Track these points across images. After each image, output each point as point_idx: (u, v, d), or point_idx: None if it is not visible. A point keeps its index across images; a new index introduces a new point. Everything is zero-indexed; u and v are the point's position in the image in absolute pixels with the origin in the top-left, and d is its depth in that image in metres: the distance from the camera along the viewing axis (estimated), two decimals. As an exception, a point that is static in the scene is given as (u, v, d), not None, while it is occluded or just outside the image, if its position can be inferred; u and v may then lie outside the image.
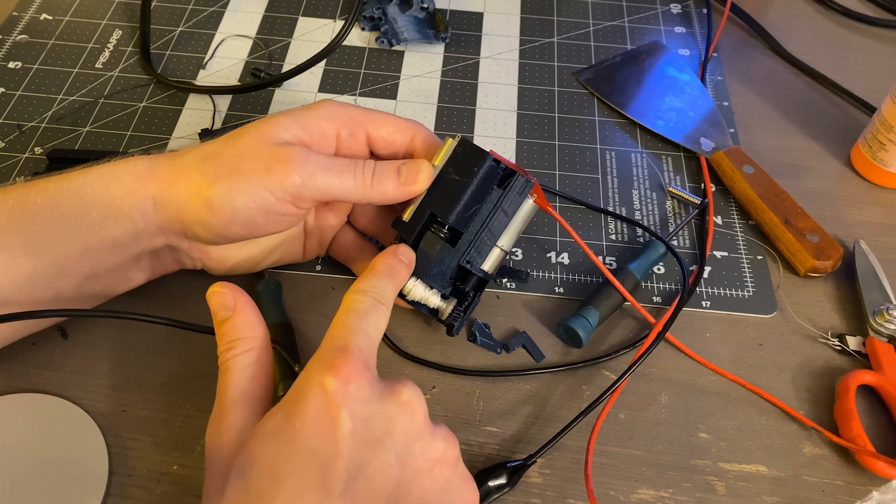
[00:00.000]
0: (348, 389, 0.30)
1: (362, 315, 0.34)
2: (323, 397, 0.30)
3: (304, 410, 0.30)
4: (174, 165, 0.39)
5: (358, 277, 0.37)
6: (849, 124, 0.59)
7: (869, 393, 0.44)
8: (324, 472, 0.29)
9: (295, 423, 0.30)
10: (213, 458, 0.32)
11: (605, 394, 0.40)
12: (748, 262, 0.50)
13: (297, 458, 0.29)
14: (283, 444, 0.30)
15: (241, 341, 0.35)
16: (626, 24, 0.67)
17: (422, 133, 0.42)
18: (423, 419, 0.32)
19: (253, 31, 0.64)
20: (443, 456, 0.32)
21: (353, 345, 0.32)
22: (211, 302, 0.36)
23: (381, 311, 0.35)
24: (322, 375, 0.31)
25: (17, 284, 0.38)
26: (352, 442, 0.30)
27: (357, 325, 0.33)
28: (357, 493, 0.29)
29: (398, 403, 0.32)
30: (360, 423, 0.30)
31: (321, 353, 0.32)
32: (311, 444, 0.30)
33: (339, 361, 0.31)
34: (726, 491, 0.40)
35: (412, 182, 0.40)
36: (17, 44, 0.62)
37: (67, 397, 0.42)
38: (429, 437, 0.32)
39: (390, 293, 0.36)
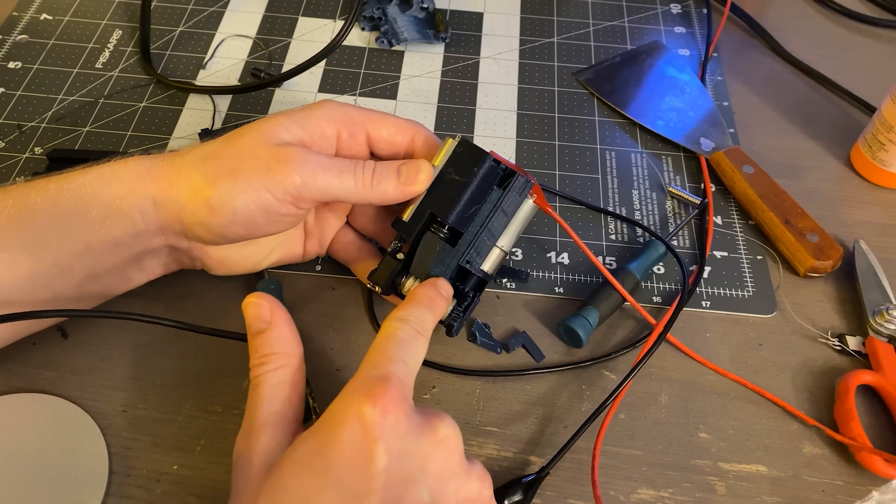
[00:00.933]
0: (386, 422, 0.30)
1: (402, 344, 0.33)
2: (360, 428, 0.29)
3: (339, 440, 0.30)
4: (174, 165, 0.39)
5: (398, 306, 0.36)
6: (849, 124, 0.59)
7: (869, 393, 0.44)
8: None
9: (329, 453, 0.29)
10: (241, 480, 0.32)
11: (611, 397, 0.40)
12: (748, 262, 0.50)
13: (329, 492, 0.29)
14: (315, 476, 0.29)
15: (275, 357, 0.34)
16: (626, 24, 0.67)
17: (422, 133, 0.42)
18: (459, 457, 0.32)
19: (253, 31, 0.64)
20: (477, 496, 0.32)
21: (393, 375, 0.31)
22: (246, 313, 0.35)
23: (419, 342, 0.34)
24: (360, 405, 0.30)
25: (18, 284, 0.38)
26: (386, 479, 0.29)
27: (397, 355, 0.32)
28: None
29: (435, 440, 0.31)
30: (395, 459, 0.29)
31: (360, 381, 0.31)
32: (344, 478, 0.29)
33: (379, 391, 0.30)
34: (726, 491, 0.40)
35: (412, 182, 0.40)
36: (17, 44, 0.62)
37: (67, 397, 0.42)
38: (464, 476, 0.32)
39: (429, 325, 0.36)
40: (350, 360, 0.44)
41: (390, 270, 0.41)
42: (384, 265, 0.41)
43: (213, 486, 0.39)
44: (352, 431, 0.30)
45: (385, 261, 0.41)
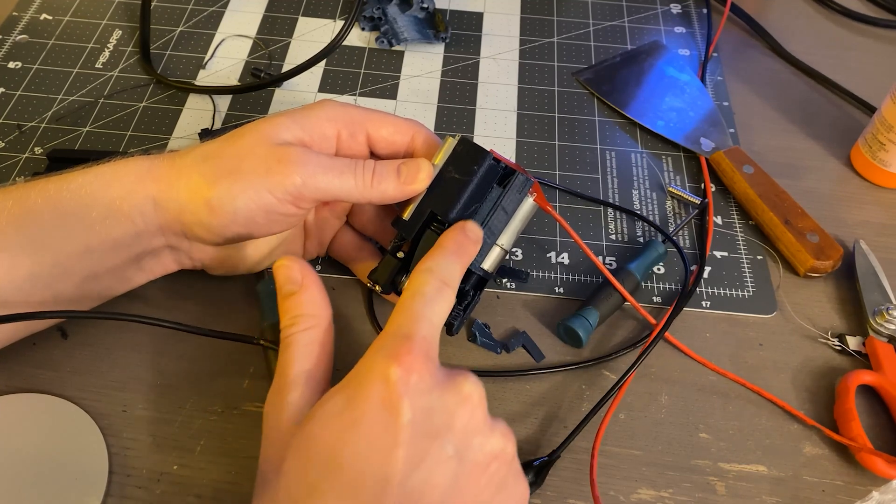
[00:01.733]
0: (410, 380, 0.30)
1: (428, 301, 0.33)
2: (385, 386, 0.30)
3: (365, 397, 0.30)
4: (174, 166, 0.39)
5: (427, 255, 0.36)
6: (849, 124, 0.59)
7: (869, 393, 0.44)
8: (383, 462, 0.29)
9: (356, 408, 0.30)
10: (270, 435, 0.32)
11: (611, 392, 0.40)
12: (748, 262, 0.50)
13: (356, 444, 0.29)
14: (343, 429, 0.30)
15: (305, 318, 0.35)
16: (626, 24, 0.67)
17: (422, 132, 0.42)
18: (482, 414, 0.32)
19: (253, 31, 0.64)
20: (501, 452, 0.32)
21: (418, 334, 0.32)
22: (278, 275, 0.36)
23: (446, 296, 0.34)
24: (385, 364, 0.30)
25: (18, 285, 0.38)
26: (412, 433, 0.29)
27: (422, 312, 0.33)
28: (415, 485, 0.29)
29: (459, 396, 0.31)
30: (420, 415, 0.30)
31: (385, 340, 0.32)
32: (371, 432, 0.29)
33: (403, 351, 0.31)
34: (726, 491, 0.40)
35: (412, 181, 0.40)
36: (17, 44, 0.62)
37: (67, 397, 0.42)
38: (488, 432, 0.32)
39: (457, 274, 0.36)
40: (350, 360, 0.44)
41: (390, 269, 0.41)
42: (384, 264, 0.41)
43: (213, 486, 0.39)
44: (378, 389, 0.30)
45: (385, 260, 0.41)
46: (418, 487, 0.29)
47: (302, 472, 0.30)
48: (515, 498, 0.33)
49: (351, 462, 0.29)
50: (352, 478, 0.29)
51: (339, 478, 0.29)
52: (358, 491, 0.29)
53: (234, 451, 0.40)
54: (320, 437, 0.30)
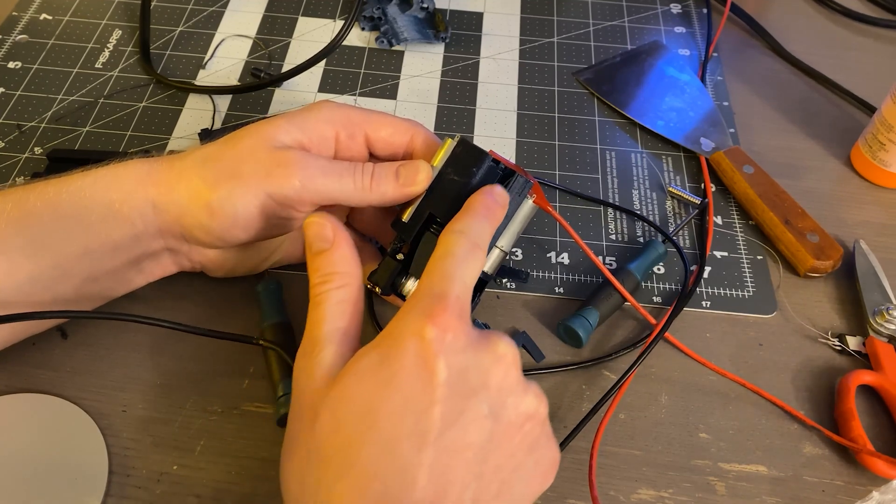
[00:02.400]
0: (446, 338, 0.30)
1: (460, 261, 0.33)
2: (420, 345, 0.30)
3: (400, 355, 0.30)
4: (174, 168, 0.39)
5: (456, 217, 0.36)
6: (849, 124, 0.59)
7: (869, 393, 0.44)
8: (419, 419, 0.29)
9: (391, 366, 0.30)
10: (302, 393, 0.32)
11: (612, 391, 0.40)
12: (748, 262, 0.50)
13: (392, 401, 0.29)
14: (378, 386, 0.30)
15: (337, 276, 0.34)
16: (626, 24, 0.67)
17: (421, 133, 0.42)
18: (517, 373, 0.32)
19: (253, 31, 0.64)
20: (535, 412, 0.32)
21: (451, 293, 0.32)
22: (308, 233, 0.35)
23: (477, 257, 0.34)
24: (420, 323, 0.30)
25: (17, 287, 0.38)
26: (448, 391, 0.29)
27: (454, 272, 0.33)
28: (450, 442, 0.29)
29: (494, 356, 0.31)
30: (455, 373, 0.30)
31: (418, 299, 0.32)
32: (406, 389, 0.29)
33: (437, 310, 0.31)
34: (726, 491, 0.40)
35: (411, 183, 0.40)
36: (17, 44, 0.62)
37: (67, 397, 0.42)
38: (522, 392, 0.32)
39: (487, 236, 0.36)
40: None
41: (390, 271, 0.41)
42: (384, 266, 0.41)
43: (213, 486, 0.39)
44: (412, 348, 0.30)
45: (385, 261, 0.41)
46: (453, 445, 0.29)
47: (336, 428, 0.30)
48: (548, 459, 0.33)
49: (386, 418, 0.29)
50: (388, 434, 0.29)
51: (374, 434, 0.29)
52: (394, 446, 0.29)
53: (234, 451, 0.40)
54: (355, 394, 0.30)
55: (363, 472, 0.29)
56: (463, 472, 0.29)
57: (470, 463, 0.30)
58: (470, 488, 0.30)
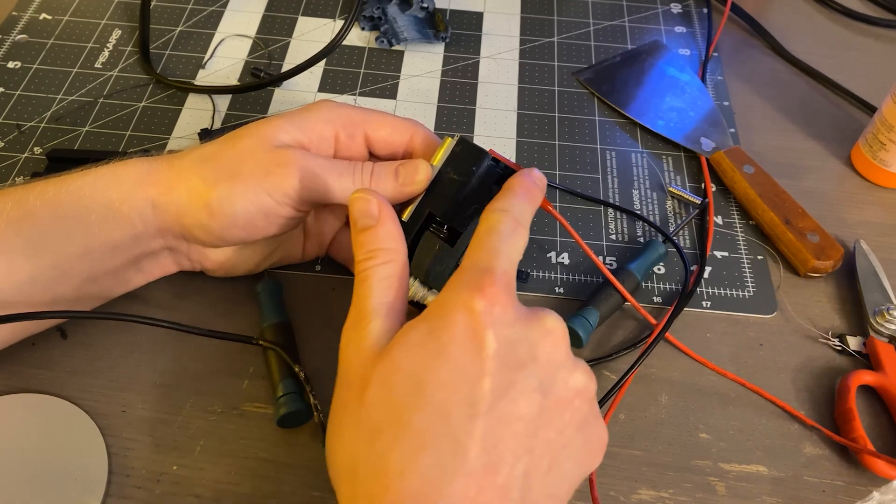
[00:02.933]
0: (494, 311, 0.30)
1: (504, 237, 0.33)
2: (469, 317, 0.30)
3: (449, 327, 0.30)
4: (173, 168, 0.39)
5: (497, 196, 0.36)
6: (849, 124, 0.59)
7: (869, 393, 0.44)
8: (470, 389, 0.29)
9: (439, 337, 0.30)
10: (350, 364, 0.32)
11: (612, 391, 0.40)
12: (748, 262, 0.50)
13: (442, 371, 0.29)
14: (428, 357, 0.29)
15: (382, 252, 0.34)
16: (626, 23, 0.67)
17: (420, 132, 0.42)
18: (566, 348, 0.32)
19: (253, 31, 0.64)
20: (584, 388, 0.32)
21: (498, 267, 0.31)
22: (353, 208, 0.35)
23: (520, 234, 0.34)
24: (468, 296, 0.30)
25: (17, 286, 0.38)
26: (498, 363, 0.29)
27: (500, 248, 0.32)
28: (501, 414, 0.29)
29: (542, 329, 0.31)
30: (505, 345, 0.30)
31: (465, 273, 0.31)
32: (456, 360, 0.29)
33: (486, 283, 0.30)
34: (726, 491, 0.40)
35: (410, 183, 0.40)
36: (17, 44, 0.62)
37: (67, 397, 0.42)
38: (571, 367, 0.31)
39: (528, 216, 0.36)
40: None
41: (390, 271, 0.41)
42: (384, 265, 0.41)
43: (213, 487, 0.39)
44: (461, 320, 0.30)
45: (385, 261, 0.41)
46: (504, 417, 0.29)
47: (387, 398, 0.29)
48: (597, 438, 0.32)
49: (437, 389, 0.29)
50: (439, 403, 0.29)
51: (425, 403, 0.29)
52: (445, 416, 0.28)
53: (233, 451, 0.40)
54: (404, 365, 0.30)
55: (415, 440, 0.28)
56: (514, 444, 0.29)
57: (520, 436, 0.29)
58: (521, 461, 0.29)
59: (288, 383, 0.41)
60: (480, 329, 0.29)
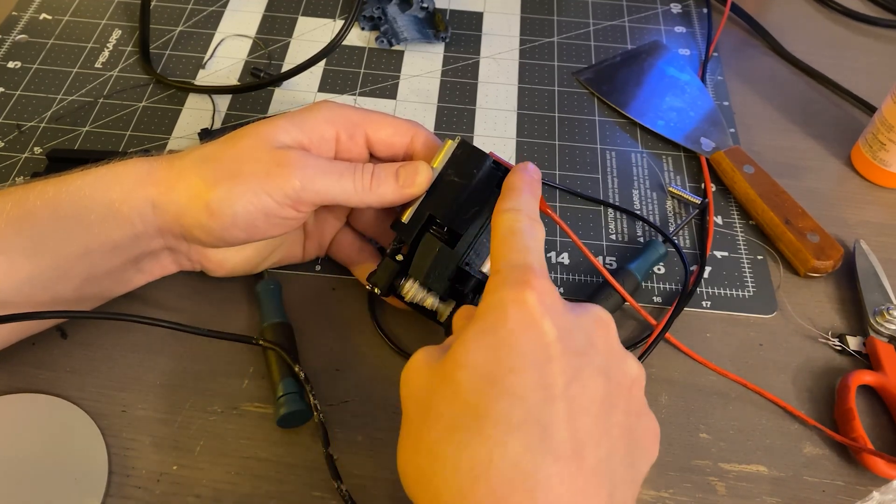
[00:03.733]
0: (545, 301, 0.30)
1: (528, 234, 0.33)
2: (523, 309, 0.30)
3: (505, 321, 0.30)
4: (173, 168, 0.39)
5: (502, 196, 0.36)
6: (849, 124, 0.59)
7: (869, 393, 0.44)
8: (540, 373, 0.28)
9: (498, 332, 0.29)
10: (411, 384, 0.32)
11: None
12: (748, 262, 0.50)
13: (508, 360, 0.29)
14: (491, 350, 0.29)
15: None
16: (626, 23, 0.67)
17: (421, 134, 0.42)
18: (616, 337, 0.32)
19: (253, 31, 0.64)
20: (638, 376, 0.32)
21: (535, 263, 0.32)
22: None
23: (538, 229, 0.35)
24: (517, 291, 0.30)
25: (17, 287, 0.38)
26: (561, 347, 0.29)
27: (528, 245, 0.33)
28: (575, 396, 0.28)
29: (594, 318, 0.32)
30: (564, 333, 0.30)
31: (504, 274, 0.31)
32: (521, 347, 0.29)
33: (530, 278, 0.30)
34: (726, 491, 0.40)
35: (410, 185, 0.40)
36: (17, 44, 0.62)
37: (67, 397, 0.42)
38: (624, 356, 0.32)
39: (536, 209, 0.36)
40: (350, 360, 0.44)
41: (389, 272, 0.41)
42: (383, 267, 0.41)
43: (213, 486, 0.39)
44: (515, 314, 0.30)
45: (384, 262, 0.41)
46: (579, 399, 0.29)
47: (456, 396, 0.29)
48: (653, 429, 0.33)
49: (508, 376, 0.28)
50: (514, 390, 0.28)
51: (500, 392, 0.28)
52: (524, 401, 0.28)
53: (233, 451, 0.40)
54: (469, 361, 0.29)
55: (498, 428, 0.28)
56: (593, 427, 0.29)
57: (597, 418, 0.29)
58: (603, 445, 0.29)
59: (288, 383, 0.41)
60: (538, 318, 0.29)
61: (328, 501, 0.39)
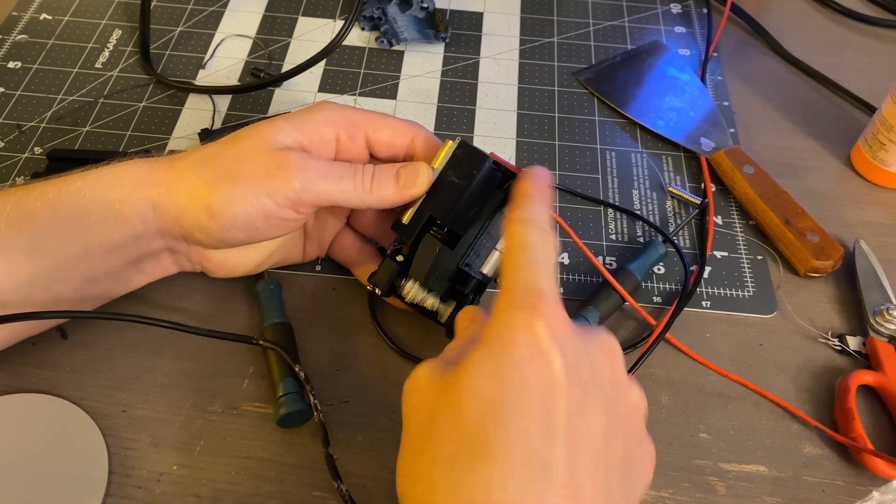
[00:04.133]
0: (554, 329, 0.30)
1: (540, 251, 0.33)
2: (531, 337, 0.29)
3: (513, 349, 0.29)
4: (173, 168, 0.39)
5: (514, 204, 0.36)
6: (849, 124, 0.59)
7: (869, 393, 0.44)
8: (546, 408, 0.28)
9: (505, 360, 0.29)
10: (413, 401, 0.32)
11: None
12: (748, 262, 0.50)
13: (514, 393, 0.28)
14: (496, 380, 0.29)
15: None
16: (626, 23, 0.67)
17: (421, 135, 0.42)
18: (622, 366, 0.32)
19: (253, 31, 0.64)
20: (639, 406, 0.32)
21: (546, 284, 0.31)
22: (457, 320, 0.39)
23: (551, 242, 0.34)
24: (527, 317, 0.30)
25: (17, 287, 0.38)
26: (567, 381, 0.29)
27: (540, 263, 0.32)
28: (577, 433, 0.29)
29: (601, 348, 0.31)
30: (571, 364, 0.29)
31: (514, 296, 0.31)
32: (527, 380, 0.29)
33: (541, 303, 0.30)
34: (726, 491, 0.40)
35: (410, 186, 0.40)
36: (17, 44, 0.62)
37: (67, 397, 0.42)
38: (627, 387, 0.32)
39: (548, 218, 0.36)
40: (350, 361, 0.44)
41: (390, 272, 0.41)
42: (384, 267, 0.41)
43: (213, 486, 0.39)
44: (524, 342, 0.29)
45: (385, 263, 0.41)
46: (580, 436, 0.29)
47: (459, 425, 0.29)
48: (650, 454, 0.33)
49: (512, 411, 0.28)
50: (517, 425, 0.28)
51: (503, 426, 0.28)
52: (526, 438, 0.28)
53: (234, 451, 0.40)
54: (473, 389, 0.29)
55: (500, 464, 0.28)
56: (592, 463, 0.29)
57: (596, 454, 0.29)
58: (601, 480, 0.29)
59: (288, 383, 0.41)
60: (546, 348, 0.29)
61: (328, 501, 0.39)
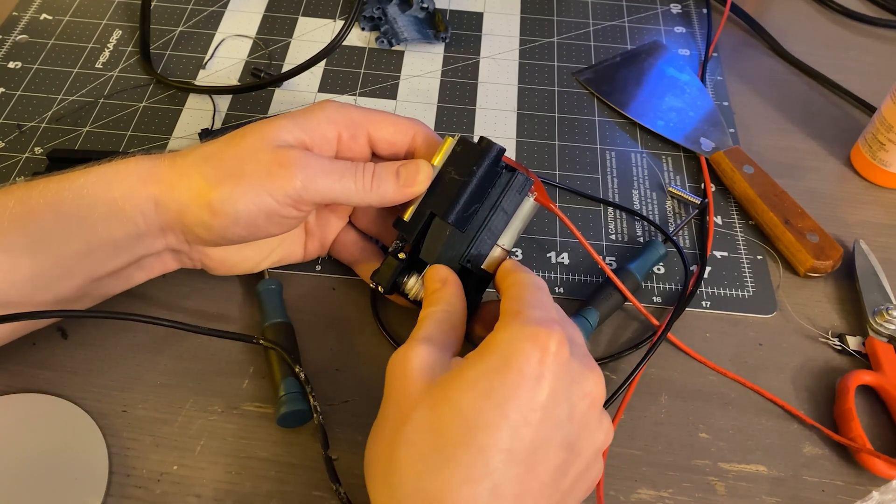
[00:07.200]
0: (559, 354, 0.32)
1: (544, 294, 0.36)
2: (538, 357, 0.31)
3: (508, 374, 0.31)
4: (175, 166, 0.39)
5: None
6: (849, 124, 0.59)
7: (869, 393, 0.44)
8: (512, 437, 0.30)
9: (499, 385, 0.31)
10: (395, 383, 0.34)
11: (616, 393, 0.41)
12: (748, 262, 0.50)
13: (492, 414, 0.31)
14: (479, 397, 0.31)
15: (443, 303, 0.38)
16: (626, 23, 0.67)
17: (422, 132, 0.42)
18: (598, 409, 0.34)
19: (253, 31, 0.64)
20: (602, 445, 0.34)
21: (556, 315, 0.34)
22: (427, 275, 0.40)
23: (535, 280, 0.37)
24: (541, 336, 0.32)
25: (18, 285, 0.38)
26: (541, 415, 0.31)
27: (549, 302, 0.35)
28: (533, 465, 0.31)
29: (583, 392, 0.33)
30: (551, 399, 0.31)
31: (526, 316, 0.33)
32: (507, 406, 0.31)
33: (553, 326, 0.32)
34: (726, 491, 0.40)
35: (411, 184, 0.40)
36: (17, 44, 0.62)
37: (67, 397, 0.42)
38: (596, 426, 0.34)
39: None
40: (351, 361, 0.44)
41: (392, 270, 0.41)
42: (386, 265, 0.41)
43: (213, 486, 0.39)
44: (528, 360, 0.31)
45: (387, 261, 0.41)
46: (535, 468, 0.31)
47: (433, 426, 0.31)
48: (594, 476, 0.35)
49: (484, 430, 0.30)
50: (483, 446, 0.30)
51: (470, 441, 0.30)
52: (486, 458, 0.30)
53: (234, 451, 0.40)
54: (456, 398, 0.31)
55: (457, 473, 0.30)
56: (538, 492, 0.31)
57: (544, 486, 0.31)
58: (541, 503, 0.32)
59: (289, 383, 0.41)
60: (542, 373, 0.31)
61: (328, 501, 0.39)
